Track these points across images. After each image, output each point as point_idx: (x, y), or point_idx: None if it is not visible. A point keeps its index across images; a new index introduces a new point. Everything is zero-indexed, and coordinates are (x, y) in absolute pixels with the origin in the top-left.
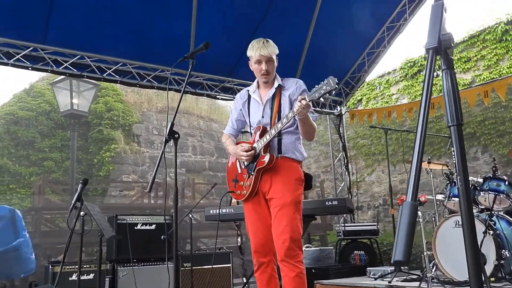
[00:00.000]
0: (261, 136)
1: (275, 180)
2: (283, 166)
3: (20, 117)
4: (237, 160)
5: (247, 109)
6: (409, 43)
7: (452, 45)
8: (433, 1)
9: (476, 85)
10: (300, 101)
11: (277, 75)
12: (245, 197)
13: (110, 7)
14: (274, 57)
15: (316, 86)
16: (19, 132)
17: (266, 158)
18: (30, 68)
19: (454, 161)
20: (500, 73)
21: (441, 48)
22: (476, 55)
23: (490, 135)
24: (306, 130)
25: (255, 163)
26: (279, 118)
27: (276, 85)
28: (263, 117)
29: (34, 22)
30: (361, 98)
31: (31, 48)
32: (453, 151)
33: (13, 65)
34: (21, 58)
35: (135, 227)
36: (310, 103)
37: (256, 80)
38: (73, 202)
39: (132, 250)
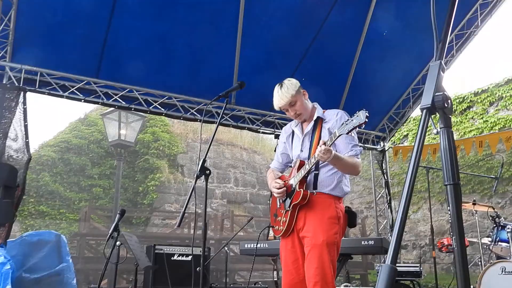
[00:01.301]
0: (298, 170)
1: (309, 218)
2: (317, 203)
3: (73, 145)
4: None
5: (290, 143)
6: (458, 79)
7: (446, 105)
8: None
9: None
10: (320, 146)
11: (317, 106)
12: (282, 233)
13: (158, 44)
14: (296, 96)
15: (347, 120)
16: (72, 159)
17: (300, 194)
18: (82, 100)
19: (449, 218)
20: None
21: (435, 108)
22: None
23: None
24: (341, 169)
25: (291, 199)
26: None
27: (315, 117)
28: (302, 150)
29: (89, 58)
30: (407, 134)
31: (85, 81)
32: (449, 209)
33: (67, 97)
34: (75, 91)
35: (172, 258)
36: (331, 148)
37: None
38: (109, 232)
39: (168, 280)
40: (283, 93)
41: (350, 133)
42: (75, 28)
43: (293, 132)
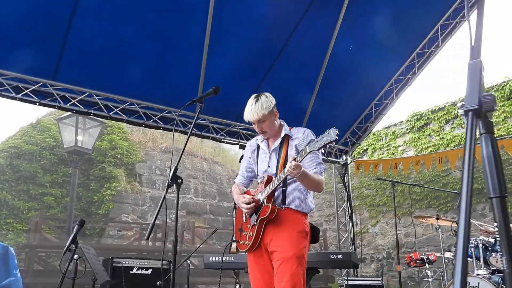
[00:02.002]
0: (265, 185)
1: (277, 233)
2: (286, 218)
3: (24, 151)
4: None
5: (256, 158)
6: (417, 96)
7: (495, 107)
8: (469, 59)
9: None
10: (290, 161)
11: (284, 124)
12: (248, 248)
13: (122, 47)
14: (267, 116)
15: (317, 137)
16: (22, 165)
17: (268, 209)
18: (37, 104)
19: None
20: (508, 130)
21: (481, 111)
22: None
23: None
24: (306, 185)
25: (258, 214)
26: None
27: (282, 134)
28: (269, 166)
29: (46, 59)
30: (367, 148)
31: (40, 83)
32: (496, 226)
33: (20, 100)
34: (29, 93)
35: (131, 271)
36: (301, 164)
37: None
38: (67, 244)
39: None
40: (256, 109)
41: (320, 150)
42: (32, 26)
43: (258, 147)
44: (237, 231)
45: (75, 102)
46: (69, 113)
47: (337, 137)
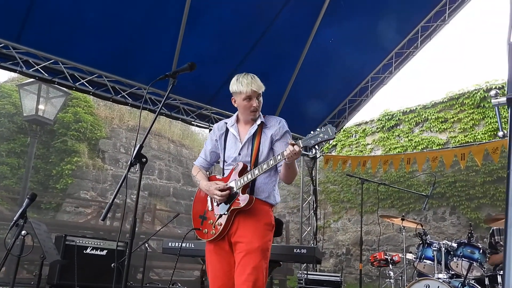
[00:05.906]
0: (240, 174)
1: (243, 223)
2: (253, 209)
3: None
4: (208, 196)
5: (223, 142)
6: (389, 96)
7: None
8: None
9: (454, 147)
10: (292, 146)
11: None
12: (214, 237)
13: (95, 16)
14: (261, 92)
15: (312, 132)
16: None
17: (244, 199)
18: None
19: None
20: (475, 138)
21: None
22: (453, 117)
23: (459, 197)
24: (289, 174)
25: (230, 203)
26: (258, 158)
27: (258, 122)
28: (239, 154)
29: (9, 18)
30: (336, 144)
31: (2, 44)
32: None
33: None
34: None
35: (84, 251)
36: (301, 150)
37: (236, 114)
38: (15, 218)
39: (78, 276)
40: (258, 80)
41: (315, 146)
42: None
43: (227, 131)
44: (197, 218)
45: (39, 68)
46: (32, 79)
47: (334, 136)
